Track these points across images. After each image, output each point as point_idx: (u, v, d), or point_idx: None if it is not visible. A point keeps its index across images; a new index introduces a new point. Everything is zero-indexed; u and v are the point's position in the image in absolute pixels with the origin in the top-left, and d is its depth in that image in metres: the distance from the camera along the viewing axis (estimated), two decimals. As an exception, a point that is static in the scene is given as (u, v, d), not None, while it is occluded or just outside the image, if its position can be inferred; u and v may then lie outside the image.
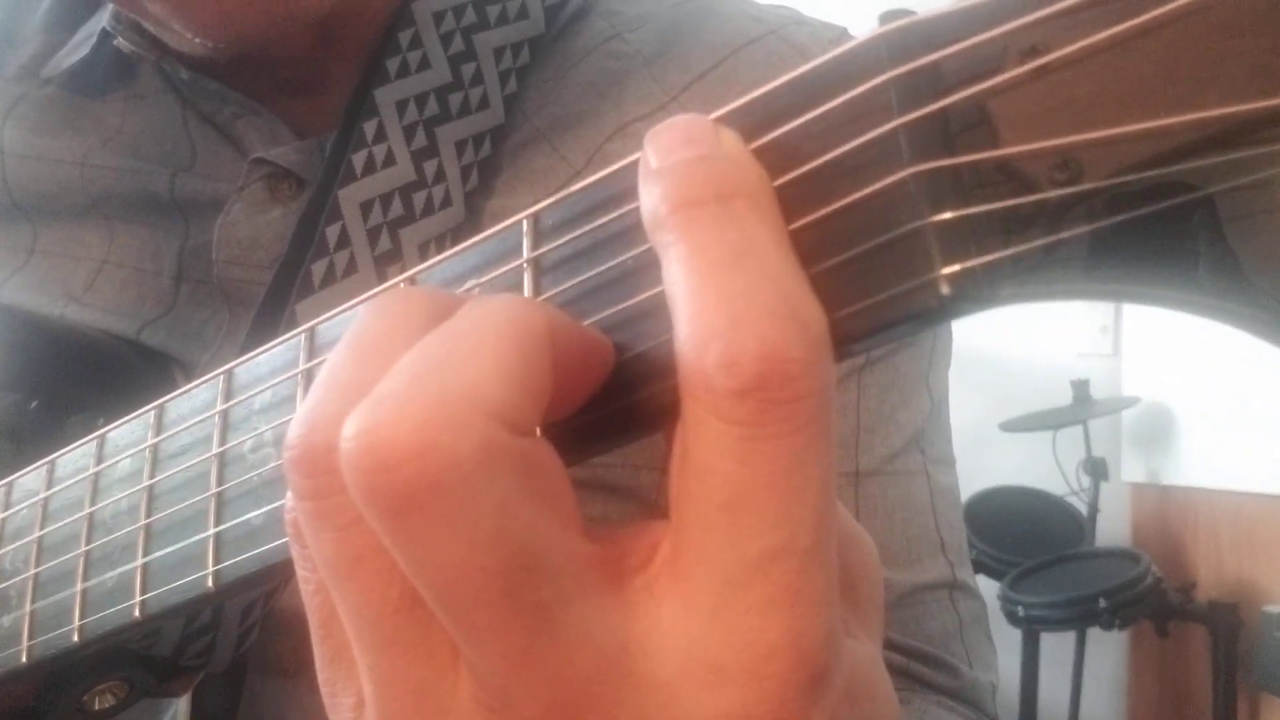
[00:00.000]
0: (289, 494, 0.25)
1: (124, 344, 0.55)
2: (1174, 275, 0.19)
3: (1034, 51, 0.19)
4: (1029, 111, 0.19)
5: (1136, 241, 0.19)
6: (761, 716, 0.21)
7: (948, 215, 0.20)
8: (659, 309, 0.23)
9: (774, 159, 0.22)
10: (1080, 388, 2.47)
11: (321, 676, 0.26)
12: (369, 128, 0.51)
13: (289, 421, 0.32)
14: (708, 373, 0.20)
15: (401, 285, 0.29)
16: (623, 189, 0.25)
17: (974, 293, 0.20)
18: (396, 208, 0.51)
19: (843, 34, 0.59)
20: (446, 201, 0.52)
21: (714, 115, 0.24)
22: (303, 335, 0.32)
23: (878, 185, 0.21)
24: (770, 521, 0.21)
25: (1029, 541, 2.44)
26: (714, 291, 0.21)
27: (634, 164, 0.24)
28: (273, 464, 0.31)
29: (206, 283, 0.55)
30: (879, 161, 0.21)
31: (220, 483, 0.33)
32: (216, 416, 0.34)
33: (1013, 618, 2.28)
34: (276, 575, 0.31)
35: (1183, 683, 2.53)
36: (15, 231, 0.59)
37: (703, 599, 0.21)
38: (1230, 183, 0.18)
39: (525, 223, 0.27)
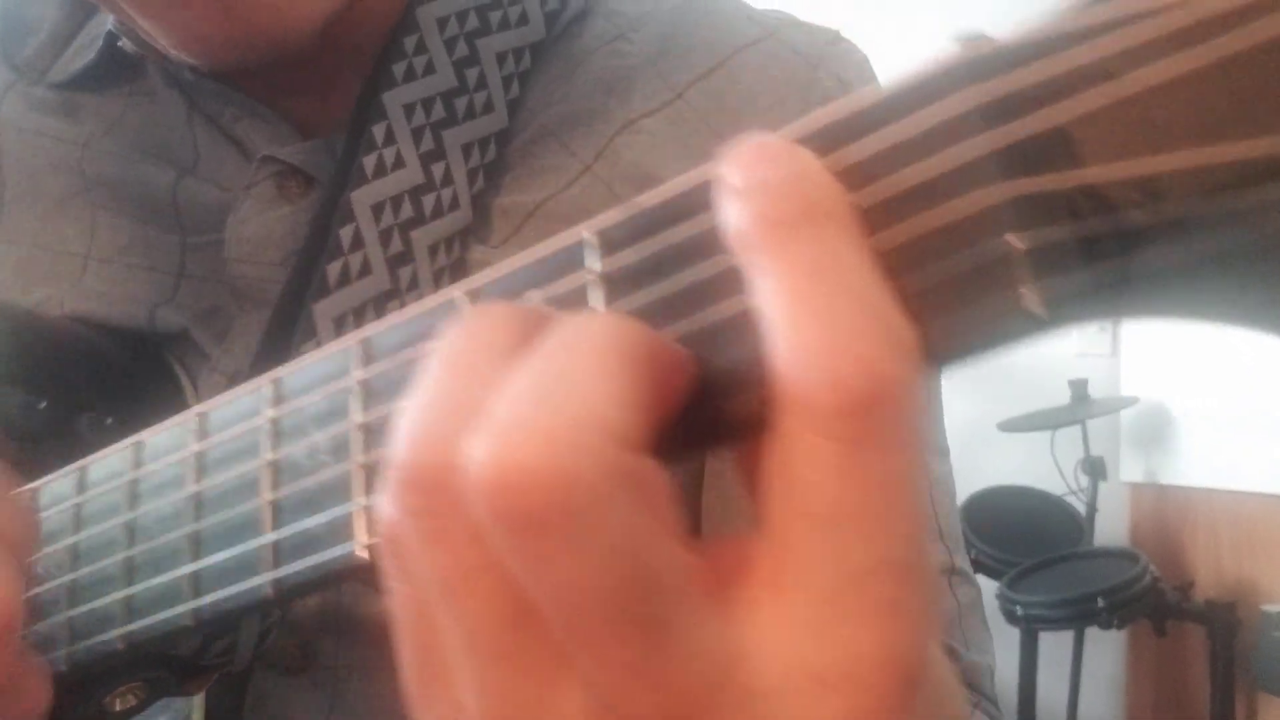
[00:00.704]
0: (390, 510, 0.24)
1: (123, 347, 0.55)
2: (1265, 301, 0.19)
3: (1111, 76, 0.20)
4: (1109, 135, 0.20)
5: (1227, 266, 0.19)
6: None
7: (1030, 236, 0.20)
8: (735, 323, 0.23)
9: (854, 179, 0.23)
10: (1078, 387, 2.48)
11: (416, 693, 0.26)
12: (378, 131, 0.51)
13: (345, 430, 0.32)
14: (810, 390, 0.21)
15: (470, 301, 0.29)
16: (692, 204, 0.25)
17: (1059, 313, 0.20)
18: (407, 209, 0.51)
19: (836, 37, 0.60)
20: (454, 204, 0.52)
21: (789, 135, 0.24)
22: (357, 344, 0.32)
23: (958, 206, 0.21)
24: (869, 536, 0.21)
25: (1027, 541, 2.45)
26: (812, 311, 0.21)
27: (704, 182, 0.24)
28: (329, 471, 0.32)
29: (209, 280, 0.55)
30: (959, 182, 0.21)
31: (275, 489, 0.33)
32: (267, 424, 0.34)
33: (1011, 617, 2.29)
34: (334, 582, 0.31)
35: (1180, 682, 2.54)
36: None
37: (803, 611, 0.22)
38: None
39: (587, 235, 0.27)
